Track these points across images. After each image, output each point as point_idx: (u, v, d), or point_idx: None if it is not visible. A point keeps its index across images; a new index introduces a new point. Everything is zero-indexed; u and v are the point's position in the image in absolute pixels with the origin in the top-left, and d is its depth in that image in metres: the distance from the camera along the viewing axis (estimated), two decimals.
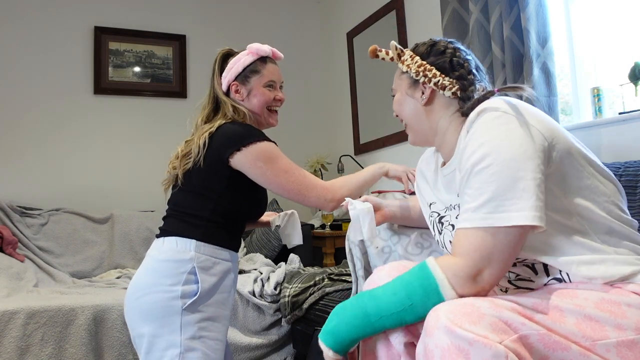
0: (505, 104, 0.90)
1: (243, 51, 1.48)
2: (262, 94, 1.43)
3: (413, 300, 0.87)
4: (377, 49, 1.19)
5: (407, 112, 1.11)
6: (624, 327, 0.79)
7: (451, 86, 1.03)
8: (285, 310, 2.18)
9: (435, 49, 1.08)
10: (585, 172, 0.90)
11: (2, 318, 1.81)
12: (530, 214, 0.81)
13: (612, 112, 1.88)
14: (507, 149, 0.84)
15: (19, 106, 2.98)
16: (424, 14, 2.75)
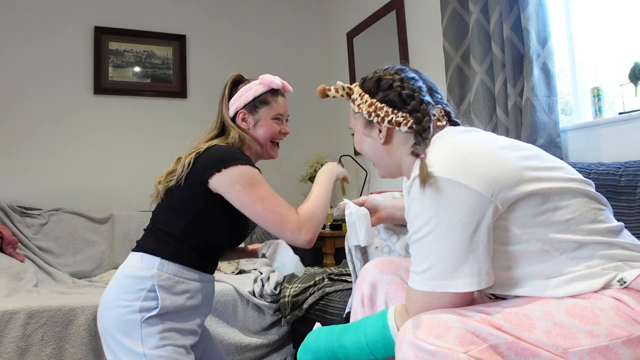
0: (443, 161, 0.87)
1: (254, 80, 1.49)
2: (269, 126, 1.46)
3: (376, 355, 0.94)
4: (326, 88, 1.13)
5: (368, 151, 1.11)
6: (596, 334, 0.78)
7: (405, 121, 1.01)
8: (285, 310, 2.18)
9: (383, 84, 1.04)
10: (543, 207, 0.87)
11: (2, 318, 1.81)
12: (466, 281, 0.84)
13: (612, 112, 1.88)
14: (441, 219, 0.85)
15: (19, 106, 2.98)
16: (424, 14, 2.75)
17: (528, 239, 0.87)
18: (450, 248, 0.84)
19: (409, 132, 1.01)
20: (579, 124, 1.95)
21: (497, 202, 0.85)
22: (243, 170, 1.28)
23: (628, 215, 1.43)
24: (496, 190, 0.84)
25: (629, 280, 0.83)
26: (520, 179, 0.86)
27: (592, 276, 0.85)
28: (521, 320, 0.81)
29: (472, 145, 0.92)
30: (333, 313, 1.92)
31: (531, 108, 1.90)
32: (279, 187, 3.95)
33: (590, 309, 0.81)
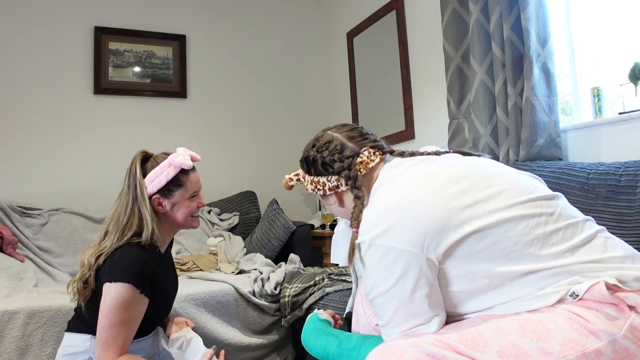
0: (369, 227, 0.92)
1: (163, 160, 1.40)
2: (187, 206, 1.41)
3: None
4: (288, 178, 1.23)
5: (338, 213, 1.19)
6: (548, 351, 0.78)
7: (339, 182, 1.10)
8: (285, 310, 2.18)
9: (309, 161, 1.14)
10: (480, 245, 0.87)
11: (2, 318, 1.81)
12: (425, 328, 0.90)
13: (612, 112, 1.88)
14: (382, 280, 0.91)
15: (19, 106, 2.98)
16: (424, 14, 2.75)
17: (473, 277, 0.89)
18: (394, 306, 0.90)
19: (349, 189, 1.09)
20: (579, 124, 1.95)
21: (430, 255, 0.88)
22: (124, 290, 1.27)
23: (628, 215, 1.43)
24: (425, 244, 0.87)
25: (581, 293, 0.82)
26: (450, 226, 0.87)
27: (545, 296, 0.85)
28: (476, 341, 0.82)
29: (403, 196, 0.93)
30: None
31: (531, 108, 1.90)
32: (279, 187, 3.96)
33: (543, 322, 0.81)
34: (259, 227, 2.93)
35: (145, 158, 1.43)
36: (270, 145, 3.64)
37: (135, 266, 1.29)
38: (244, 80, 3.60)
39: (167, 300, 1.46)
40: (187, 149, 1.47)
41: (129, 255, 1.31)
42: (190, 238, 2.97)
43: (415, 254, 0.87)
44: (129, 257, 1.31)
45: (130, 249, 1.32)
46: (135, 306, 1.29)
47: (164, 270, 1.44)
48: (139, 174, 1.37)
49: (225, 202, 3.27)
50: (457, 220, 0.88)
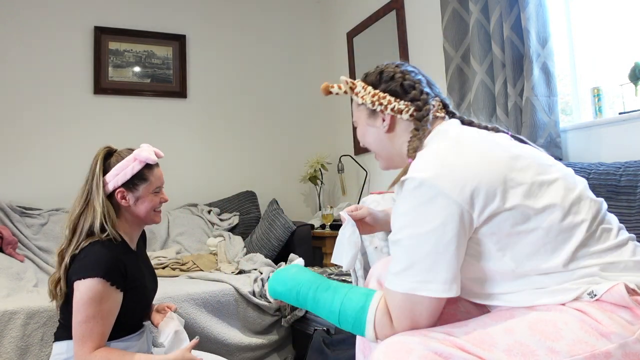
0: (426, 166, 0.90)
1: (127, 155, 1.42)
2: (150, 200, 1.44)
3: (342, 326, 0.97)
4: (329, 85, 1.19)
5: (372, 141, 1.14)
6: (556, 350, 0.77)
7: (407, 109, 1.06)
8: (285, 310, 2.18)
9: (385, 76, 1.11)
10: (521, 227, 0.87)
11: (2, 318, 1.81)
12: (440, 287, 0.86)
13: (612, 112, 1.88)
14: (420, 223, 0.87)
15: (19, 106, 2.98)
16: (424, 14, 2.75)
17: (502, 256, 0.88)
18: (423, 252, 0.86)
19: (410, 120, 1.06)
20: (579, 124, 1.95)
21: (474, 215, 0.86)
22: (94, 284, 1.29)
23: (628, 215, 1.43)
24: (474, 201, 0.86)
25: (599, 294, 0.82)
26: (502, 191, 0.87)
27: (562, 291, 0.85)
28: (484, 340, 0.82)
29: (461, 150, 0.93)
30: None
31: (531, 108, 1.90)
32: (279, 187, 3.95)
33: (553, 323, 0.80)
34: (259, 227, 2.93)
35: (109, 153, 1.45)
36: (270, 145, 3.64)
37: (104, 260, 1.31)
38: (243, 80, 3.60)
39: (144, 295, 1.47)
40: (151, 145, 1.48)
41: (95, 251, 1.33)
42: (190, 238, 2.97)
43: (462, 207, 0.86)
44: (96, 252, 1.32)
45: (95, 245, 1.34)
46: (107, 299, 1.30)
47: (137, 265, 1.45)
48: (98, 169, 1.39)
49: (225, 202, 3.27)
50: (510, 189, 0.87)
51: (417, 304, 0.87)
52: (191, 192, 3.33)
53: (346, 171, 3.49)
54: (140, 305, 1.47)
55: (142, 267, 1.49)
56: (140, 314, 1.49)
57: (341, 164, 3.41)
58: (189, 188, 3.33)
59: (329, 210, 3.20)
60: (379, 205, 1.48)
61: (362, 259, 1.49)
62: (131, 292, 1.38)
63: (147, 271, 1.53)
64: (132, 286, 1.38)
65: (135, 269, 1.42)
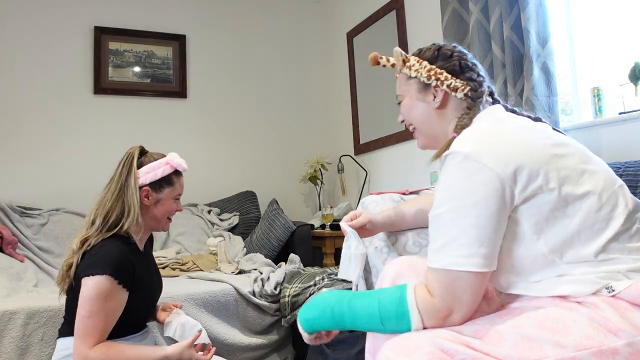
0: (472, 141, 0.91)
1: (159, 158, 1.49)
2: (169, 205, 1.48)
3: (386, 326, 0.93)
4: (378, 56, 1.20)
5: (418, 116, 1.13)
6: (563, 345, 0.77)
7: (463, 87, 1.07)
8: (285, 310, 2.18)
9: (442, 53, 1.11)
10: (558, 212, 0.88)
11: (2, 318, 1.81)
12: (481, 261, 0.86)
13: (612, 112, 1.88)
14: (463, 196, 0.88)
15: (19, 106, 2.98)
16: (424, 14, 2.75)
17: (536, 240, 0.88)
18: (465, 226, 0.87)
19: (463, 100, 1.07)
20: (579, 124, 1.95)
21: (515, 191, 0.87)
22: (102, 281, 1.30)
23: None
24: (517, 177, 0.87)
25: (617, 290, 0.82)
26: (545, 171, 0.88)
27: (584, 282, 0.85)
28: (492, 336, 0.82)
29: (507, 128, 0.95)
30: None
31: (531, 108, 1.90)
32: (279, 187, 3.94)
33: (561, 320, 0.81)
34: (259, 227, 2.93)
35: (142, 152, 1.51)
36: (270, 145, 3.64)
37: (114, 258, 1.33)
38: (243, 80, 3.60)
39: (149, 297, 1.49)
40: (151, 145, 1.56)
41: (106, 249, 1.34)
42: (190, 238, 2.97)
43: (504, 182, 0.86)
44: (107, 250, 1.34)
45: (107, 243, 1.36)
46: (114, 297, 1.31)
47: (145, 266, 1.47)
48: (135, 164, 1.44)
49: (225, 202, 3.27)
50: (553, 171, 0.88)
51: (458, 280, 0.87)
52: (191, 192, 3.32)
53: (346, 171, 3.49)
54: (145, 305, 1.48)
55: (149, 268, 1.52)
56: (145, 314, 1.50)
57: (341, 164, 3.41)
58: (189, 188, 3.29)
59: (329, 210, 3.20)
60: (379, 205, 1.48)
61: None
62: (137, 292, 1.39)
63: (153, 272, 1.55)
64: (139, 287, 1.39)
65: (142, 270, 1.43)
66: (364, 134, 3.36)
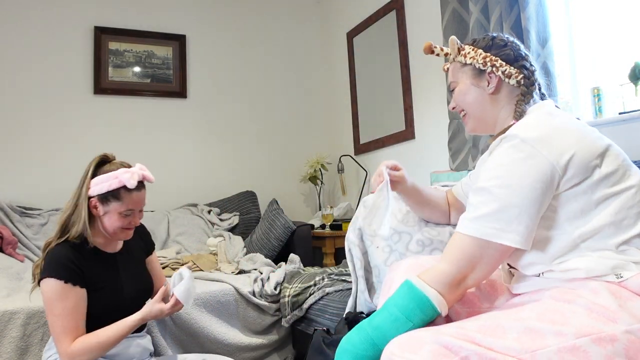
0: (530, 128, 0.96)
1: (117, 169, 1.46)
2: (117, 219, 1.45)
3: (414, 321, 0.94)
4: (433, 45, 1.25)
5: (472, 101, 1.16)
6: (563, 333, 0.80)
7: (517, 74, 1.11)
8: (285, 310, 2.18)
9: (496, 43, 1.15)
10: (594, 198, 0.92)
11: (2, 318, 1.81)
12: (517, 238, 0.91)
13: (612, 112, 1.88)
14: (514, 175, 0.92)
15: (19, 106, 2.98)
16: (424, 14, 2.75)
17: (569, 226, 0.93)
18: (511, 203, 0.91)
19: (516, 87, 1.11)
20: None
21: (563, 179, 0.92)
22: (49, 284, 1.37)
23: None
24: (566, 168, 0.91)
25: (625, 277, 0.86)
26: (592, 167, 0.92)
27: (597, 264, 0.88)
28: (494, 330, 0.85)
29: (561, 120, 0.99)
30: (333, 313, 1.92)
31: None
32: (279, 187, 3.94)
33: (561, 312, 0.84)
34: (259, 227, 2.93)
35: (103, 161, 1.50)
36: (270, 145, 3.64)
37: (54, 261, 1.38)
38: (244, 80, 3.60)
39: (116, 297, 1.49)
40: (144, 167, 1.50)
41: (54, 253, 1.41)
42: (190, 238, 2.97)
43: (555, 170, 0.91)
44: (53, 254, 1.40)
45: (57, 247, 1.42)
46: (67, 296, 1.36)
47: (106, 267, 1.49)
48: (90, 174, 1.45)
49: (225, 202, 3.27)
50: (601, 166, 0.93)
51: (485, 250, 0.91)
52: (191, 192, 3.33)
53: (346, 171, 3.49)
54: (114, 306, 1.48)
55: (115, 270, 1.52)
56: (114, 313, 1.48)
57: (341, 164, 3.41)
58: (189, 188, 3.33)
59: (329, 210, 3.20)
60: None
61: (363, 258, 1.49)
62: (97, 292, 1.43)
63: (125, 275, 1.54)
64: (97, 287, 1.44)
65: (101, 271, 1.47)
66: (364, 134, 3.36)
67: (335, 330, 1.88)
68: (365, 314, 1.50)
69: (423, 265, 1.13)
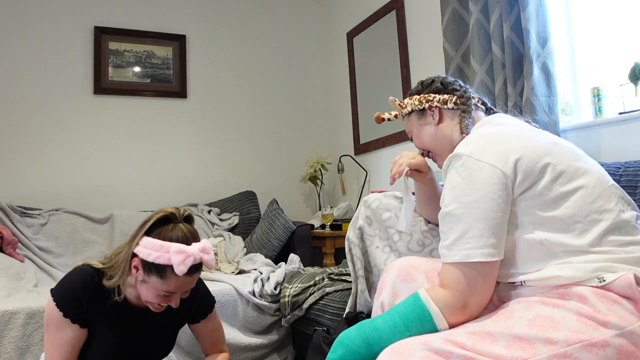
0: (470, 144, 0.99)
1: (174, 239, 1.25)
2: (154, 295, 1.26)
3: (411, 331, 0.95)
4: (381, 114, 1.39)
5: (428, 138, 1.25)
6: (554, 341, 0.80)
7: (451, 97, 1.22)
8: (285, 310, 2.18)
9: (425, 83, 1.29)
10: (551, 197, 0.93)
11: (2, 318, 1.81)
12: (492, 250, 0.93)
13: (612, 112, 1.88)
14: (469, 193, 0.95)
15: (19, 106, 2.98)
16: (424, 14, 2.75)
17: (533, 230, 0.94)
18: (474, 219, 0.93)
19: (456, 109, 1.21)
20: (579, 124, 1.95)
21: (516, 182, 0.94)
22: (50, 309, 1.28)
23: None
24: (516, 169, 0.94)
25: (608, 280, 0.85)
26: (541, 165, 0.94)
27: (579, 269, 0.88)
28: (484, 338, 0.85)
29: (505, 129, 1.03)
30: (333, 313, 1.92)
31: (531, 108, 1.90)
32: (279, 187, 3.95)
33: (551, 318, 0.84)
34: (259, 227, 2.93)
35: (168, 219, 1.30)
36: (270, 145, 3.64)
37: (66, 288, 1.29)
38: (244, 80, 3.60)
39: (120, 348, 1.35)
40: (208, 247, 1.27)
41: (72, 277, 1.30)
42: None
43: (506, 176, 0.94)
44: (71, 279, 1.30)
45: (81, 272, 1.31)
46: (63, 329, 1.26)
47: (120, 315, 1.34)
48: (145, 229, 1.28)
49: (225, 202, 3.27)
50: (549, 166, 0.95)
51: (471, 271, 0.93)
52: (191, 192, 3.33)
53: (346, 171, 3.49)
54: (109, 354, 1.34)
55: (131, 322, 1.37)
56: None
57: (341, 164, 3.41)
58: (189, 188, 3.33)
59: (329, 210, 3.20)
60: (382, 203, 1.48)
61: (363, 258, 1.49)
62: (97, 339, 1.31)
63: (142, 330, 1.38)
64: (97, 333, 1.31)
65: (112, 317, 1.32)
66: (364, 134, 3.36)
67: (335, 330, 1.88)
68: (365, 314, 1.50)
69: (415, 266, 1.14)
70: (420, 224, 1.42)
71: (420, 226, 1.42)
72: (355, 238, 1.49)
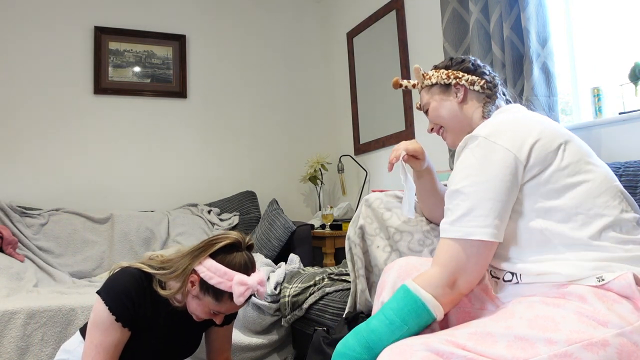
0: (489, 126, 1.01)
1: (241, 266, 1.31)
2: (203, 311, 1.34)
3: (409, 324, 0.96)
4: (400, 79, 1.37)
5: (446, 114, 1.25)
6: (554, 340, 0.80)
7: (479, 81, 1.22)
8: (285, 310, 2.18)
9: (455, 60, 1.27)
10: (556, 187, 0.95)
11: (2, 318, 1.81)
12: (494, 231, 0.94)
13: (612, 112, 1.88)
14: (482, 172, 0.97)
15: (19, 106, 2.98)
16: (424, 14, 2.75)
17: (535, 217, 0.95)
18: (483, 198, 0.95)
19: (481, 92, 1.22)
20: (579, 124, 1.95)
21: (526, 168, 0.95)
22: (101, 310, 1.31)
23: None
24: (531, 155, 0.95)
25: (607, 279, 0.86)
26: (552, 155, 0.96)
27: (577, 267, 0.89)
28: (484, 338, 0.85)
29: (524, 116, 1.05)
30: (333, 313, 1.92)
31: (531, 108, 1.90)
32: (279, 187, 3.95)
33: (551, 318, 0.84)
34: (259, 227, 2.93)
35: (234, 246, 1.34)
36: (270, 145, 3.64)
37: (118, 289, 1.31)
38: (244, 80, 3.60)
39: (154, 347, 1.40)
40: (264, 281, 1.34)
41: (123, 277, 1.33)
42: (190, 238, 2.97)
43: (517, 161, 0.95)
44: (122, 279, 1.32)
45: (131, 273, 1.34)
46: (112, 333, 1.29)
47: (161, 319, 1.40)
48: (211, 251, 1.31)
49: (225, 202, 3.27)
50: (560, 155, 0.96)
51: (468, 248, 0.94)
52: (191, 192, 3.33)
53: (346, 171, 3.49)
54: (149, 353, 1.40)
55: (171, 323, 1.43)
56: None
57: (341, 164, 3.41)
58: (189, 188, 3.33)
59: (329, 210, 3.20)
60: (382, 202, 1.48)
61: (364, 258, 1.49)
62: (140, 335, 1.36)
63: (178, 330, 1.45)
64: (141, 330, 1.36)
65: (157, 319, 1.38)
66: (364, 134, 3.36)
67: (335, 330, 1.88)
68: (365, 314, 1.50)
69: (415, 266, 1.14)
70: (422, 223, 1.42)
71: (422, 226, 1.42)
72: (356, 237, 1.49)
